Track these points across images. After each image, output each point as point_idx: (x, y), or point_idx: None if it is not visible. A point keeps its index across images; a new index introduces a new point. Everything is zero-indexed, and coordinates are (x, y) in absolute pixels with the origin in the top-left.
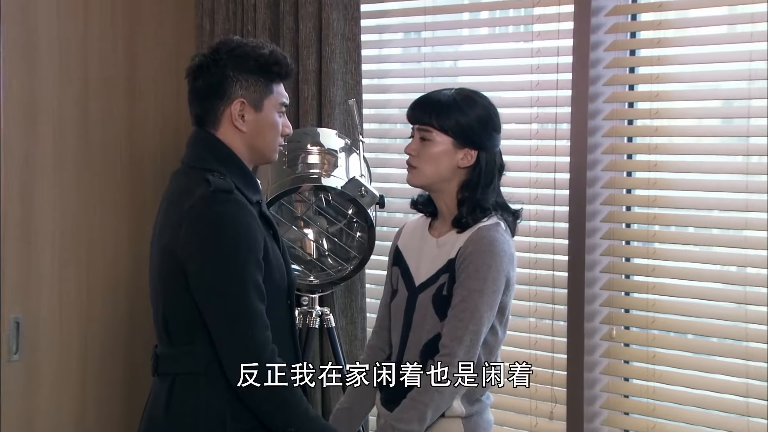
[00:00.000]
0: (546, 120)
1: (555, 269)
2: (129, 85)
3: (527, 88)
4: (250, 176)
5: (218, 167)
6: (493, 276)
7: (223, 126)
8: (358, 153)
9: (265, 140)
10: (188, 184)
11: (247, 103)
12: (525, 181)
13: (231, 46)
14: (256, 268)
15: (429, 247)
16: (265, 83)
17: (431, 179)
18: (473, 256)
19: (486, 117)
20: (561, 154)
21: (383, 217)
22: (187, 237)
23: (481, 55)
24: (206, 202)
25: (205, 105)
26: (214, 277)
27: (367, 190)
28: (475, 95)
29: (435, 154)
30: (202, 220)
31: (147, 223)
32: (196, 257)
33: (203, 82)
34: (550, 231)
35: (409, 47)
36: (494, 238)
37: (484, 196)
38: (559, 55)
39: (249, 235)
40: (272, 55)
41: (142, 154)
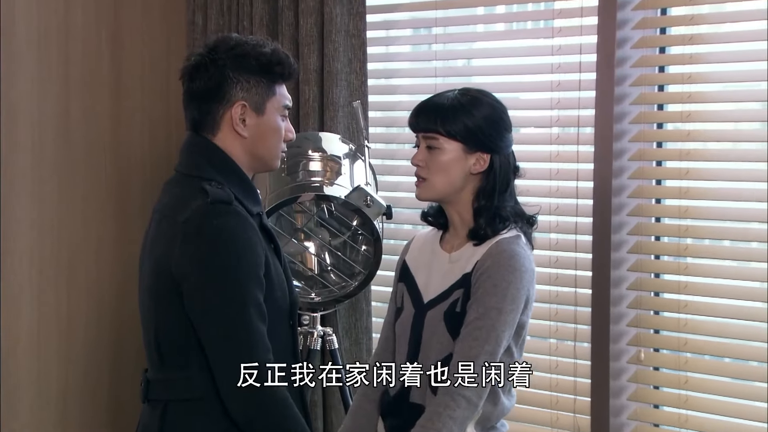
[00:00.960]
0: (568, 124)
1: (577, 286)
2: (114, 84)
3: (547, 89)
4: (249, 186)
5: (216, 176)
6: (513, 293)
7: (222, 131)
8: (363, 159)
9: (267, 146)
10: (183, 195)
11: (249, 107)
12: (545, 189)
13: (230, 45)
14: (257, 286)
15: (440, 262)
16: (267, 85)
17: (444, 191)
18: (492, 271)
19: (495, 116)
20: (584, 161)
21: (390, 229)
22: (183, 252)
23: (497, 53)
24: (203, 215)
25: (203, 108)
26: (212, 295)
27: (373, 199)
28: (480, 94)
29: (445, 163)
30: (198, 234)
31: (135, 238)
32: (192, 274)
33: (200, 83)
34: (572, 244)
35: (418, 44)
36: (515, 252)
37: (502, 202)
38: (582, 53)
39: (250, 250)
40: (274, 54)
41: (129, 162)
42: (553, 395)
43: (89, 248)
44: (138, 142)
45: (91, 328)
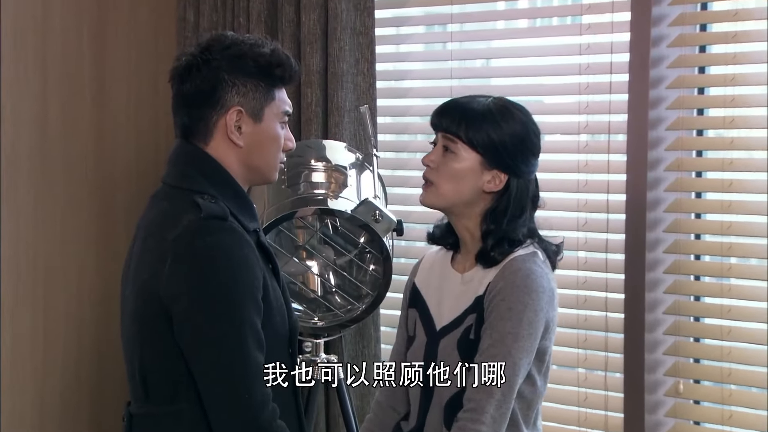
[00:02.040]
0: (597, 130)
1: (608, 310)
2: (97, 87)
3: (575, 92)
4: (245, 199)
5: (208, 188)
6: (530, 317)
7: (215, 139)
8: (371, 170)
9: (265, 156)
10: (172, 209)
11: (245, 113)
12: (572, 203)
13: (225, 44)
14: (254, 310)
15: (452, 283)
16: (265, 89)
17: (449, 200)
18: (506, 293)
19: (523, 135)
20: (615, 171)
21: (401, 246)
22: (172, 273)
23: (519, 53)
24: (195, 231)
25: (194, 114)
26: (205, 321)
27: (383, 214)
28: (513, 108)
29: (457, 171)
30: (190, 253)
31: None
32: (182, 298)
33: (192, 86)
34: (602, 264)
35: (432, 43)
36: (531, 271)
37: (512, 227)
38: (614, 52)
39: (247, 270)
40: (274, 55)
41: (113, 173)
42: (582, 431)
43: (68, 266)
44: (123, 152)
45: (69, 353)
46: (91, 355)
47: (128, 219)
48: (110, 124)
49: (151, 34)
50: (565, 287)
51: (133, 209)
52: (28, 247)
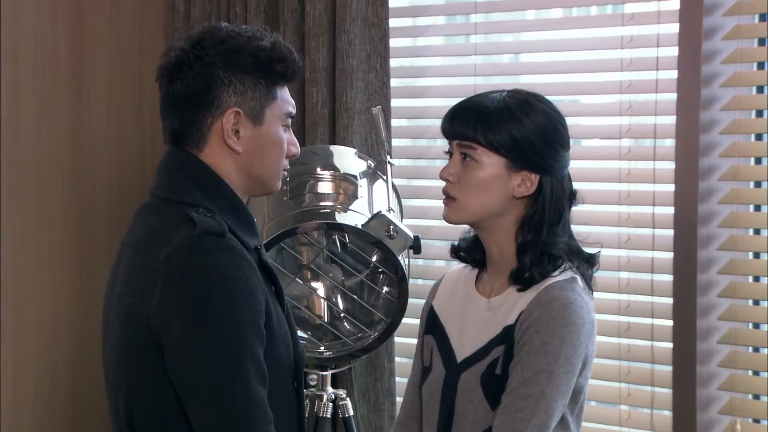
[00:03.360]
0: (642, 134)
1: (654, 339)
2: (74, 88)
3: (616, 91)
4: (245, 213)
5: (203, 201)
6: (567, 353)
7: (209, 145)
8: (384, 179)
9: (266, 163)
10: (163, 225)
11: (243, 114)
12: (613, 217)
13: (219, 38)
14: (256, 339)
15: (477, 309)
16: (265, 87)
17: (477, 214)
18: (541, 325)
19: (549, 128)
20: (662, 181)
21: (419, 266)
22: (163, 298)
23: (552, 47)
24: (189, 250)
25: (186, 117)
26: (200, 352)
27: (398, 229)
28: (533, 99)
29: (482, 180)
30: (183, 274)
31: (99, 280)
32: (174, 326)
33: (183, 86)
34: (648, 286)
35: (454, 36)
36: (570, 301)
37: (553, 237)
38: (660, 46)
39: (248, 293)
40: (275, 49)
41: (92, 185)
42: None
43: (41, 291)
44: (104, 161)
45: (42, 390)
46: (66, 393)
47: (109, 236)
48: (89, 130)
49: (136, 26)
50: (604, 313)
51: (114, 225)
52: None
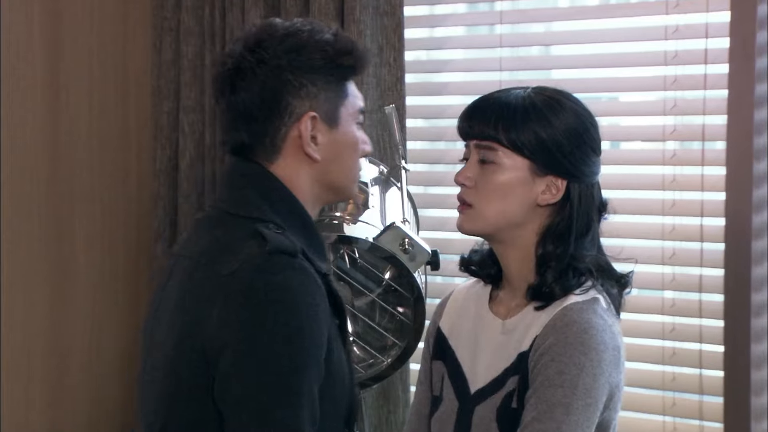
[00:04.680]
0: (688, 136)
1: (703, 366)
2: (51, 94)
3: (659, 88)
4: (315, 234)
5: (273, 217)
6: (587, 383)
7: (283, 156)
8: (399, 187)
9: (345, 168)
10: (229, 239)
11: (319, 119)
12: (655, 229)
13: (278, 36)
14: (315, 375)
15: (490, 332)
16: (337, 84)
17: (495, 224)
18: (556, 351)
19: (580, 128)
20: (711, 189)
21: (437, 284)
22: (223, 318)
23: (587, 38)
24: (258, 268)
25: (256, 129)
26: (253, 380)
27: (413, 242)
28: (561, 96)
29: (502, 185)
30: (248, 295)
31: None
32: (230, 349)
33: (249, 95)
34: (696, 307)
35: (477, 26)
36: (590, 325)
37: (579, 250)
38: (709, 37)
39: (315, 324)
40: (340, 42)
41: (70, 192)
42: None
43: (14, 315)
44: (84, 167)
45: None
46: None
47: (89, 255)
48: (67, 132)
49: (119, 16)
50: (646, 337)
51: (95, 242)
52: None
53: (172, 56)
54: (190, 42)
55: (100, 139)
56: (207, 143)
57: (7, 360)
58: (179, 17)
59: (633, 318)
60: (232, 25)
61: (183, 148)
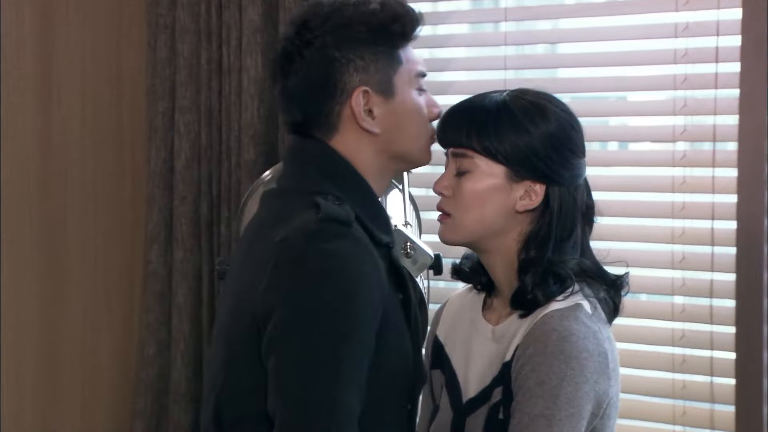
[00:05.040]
0: (699, 137)
1: (714, 374)
2: (42, 89)
3: (669, 87)
4: (378, 207)
5: (333, 190)
6: (569, 393)
7: (341, 133)
8: (400, 189)
9: (410, 136)
10: (287, 208)
11: (372, 92)
12: (665, 233)
13: (324, 14)
14: (362, 346)
15: (482, 338)
16: (387, 53)
17: (474, 232)
18: (536, 361)
19: (558, 133)
20: (723, 191)
21: (440, 289)
22: (272, 282)
23: (595, 36)
24: (308, 235)
25: (310, 110)
26: (296, 346)
27: (415, 246)
28: (539, 99)
29: (479, 193)
30: (297, 261)
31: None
32: (277, 313)
33: (298, 78)
34: (707, 312)
35: (481, 23)
36: (569, 332)
37: (560, 255)
38: (720, 34)
39: (365, 293)
40: (386, 10)
41: (63, 193)
42: None
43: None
44: (77, 167)
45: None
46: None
47: (82, 258)
48: (60, 131)
49: (113, 11)
50: (656, 344)
51: (88, 246)
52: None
53: (167, 54)
54: (186, 40)
55: (93, 140)
56: (203, 144)
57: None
58: (174, 14)
59: (642, 324)
60: (228, 23)
61: (178, 149)
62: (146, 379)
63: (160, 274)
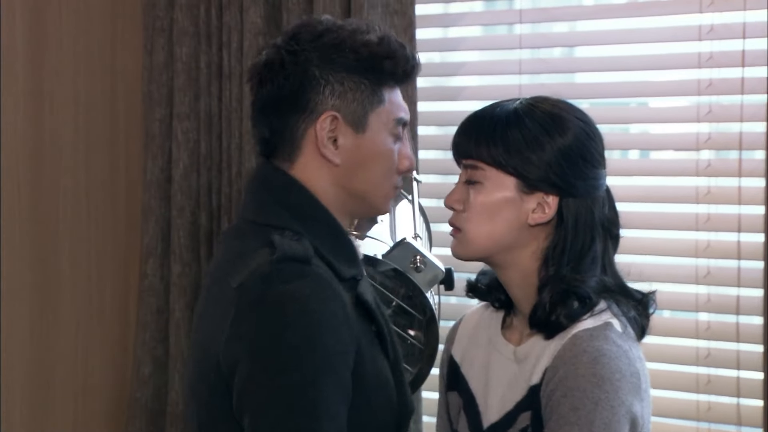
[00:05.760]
0: (724, 145)
1: (741, 395)
2: (33, 93)
3: (693, 93)
4: (342, 237)
5: (291, 223)
6: (605, 417)
7: (303, 155)
8: (410, 200)
9: (371, 178)
10: (243, 249)
11: (342, 120)
12: (689, 246)
13: (317, 31)
14: (335, 386)
15: (503, 359)
16: (370, 88)
17: (485, 248)
18: (568, 386)
19: (575, 144)
20: (750, 202)
21: (451, 305)
22: (234, 332)
23: (614, 38)
24: (266, 278)
25: (276, 124)
26: (267, 396)
27: (425, 260)
28: (554, 108)
29: (488, 206)
30: (257, 306)
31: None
32: (243, 365)
33: (273, 87)
34: (733, 330)
35: (494, 25)
36: (600, 353)
37: (577, 272)
38: (747, 37)
39: (330, 332)
40: (383, 44)
41: (55, 201)
42: None
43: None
44: (69, 175)
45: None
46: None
47: (75, 273)
48: (52, 138)
49: (107, 14)
50: (679, 363)
51: (81, 259)
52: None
53: (164, 58)
54: (185, 43)
55: (87, 148)
56: (202, 152)
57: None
58: (172, 16)
59: (665, 342)
60: (229, 25)
61: (176, 158)
62: (141, 399)
63: (157, 289)
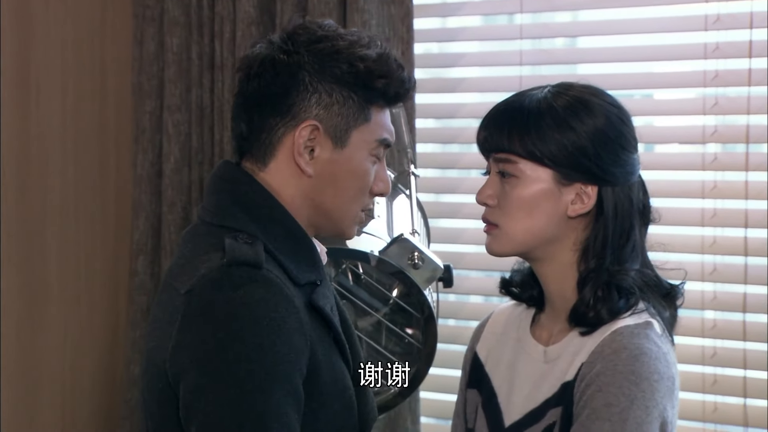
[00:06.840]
0: (731, 138)
1: (747, 395)
2: (19, 85)
3: (698, 84)
4: (302, 241)
5: (248, 225)
6: (638, 417)
7: (276, 160)
8: (407, 195)
9: (340, 197)
10: (194, 253)
11: (323, 131)
12: (694, 242)
13: (316, 36)
14: (287, 397)
15: (531, 359)
16: (358, 104)
17: (524, 243)
18: (604, 381)
19: (606, 127)
20: (757, 197)
21: (450, 303)
22: (180, 341)
23: (617, 29)
24: (214, 283)
25: (255, 121)
26: (214, 408)
27: (424, 257)
28: (587, 94)
29: (526, 200)
30: (204, 313)
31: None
32: (189, 375)
33: (260, 85)
34: (739, 329)
35: (495, 15)
36: (641, 351)
37: (620, 263)
38: (754, 27)
39: (281, 338)
40: (380, 62)
41: (41, 198)
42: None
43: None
44: (56, 170)
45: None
46: None
47: (63, 270)
48: (38, 131)
49: (96, 5)
50: (684, 362)
51: (69, 257)
52: None
53: (154, 49)
54: (175, 33)
55: (75, 142)
56: (194, 146)
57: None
58: (163, 5)
59: None
60: (222, 15)
61: (167, 152)
62: (132, 401)
63: (147, 287)
